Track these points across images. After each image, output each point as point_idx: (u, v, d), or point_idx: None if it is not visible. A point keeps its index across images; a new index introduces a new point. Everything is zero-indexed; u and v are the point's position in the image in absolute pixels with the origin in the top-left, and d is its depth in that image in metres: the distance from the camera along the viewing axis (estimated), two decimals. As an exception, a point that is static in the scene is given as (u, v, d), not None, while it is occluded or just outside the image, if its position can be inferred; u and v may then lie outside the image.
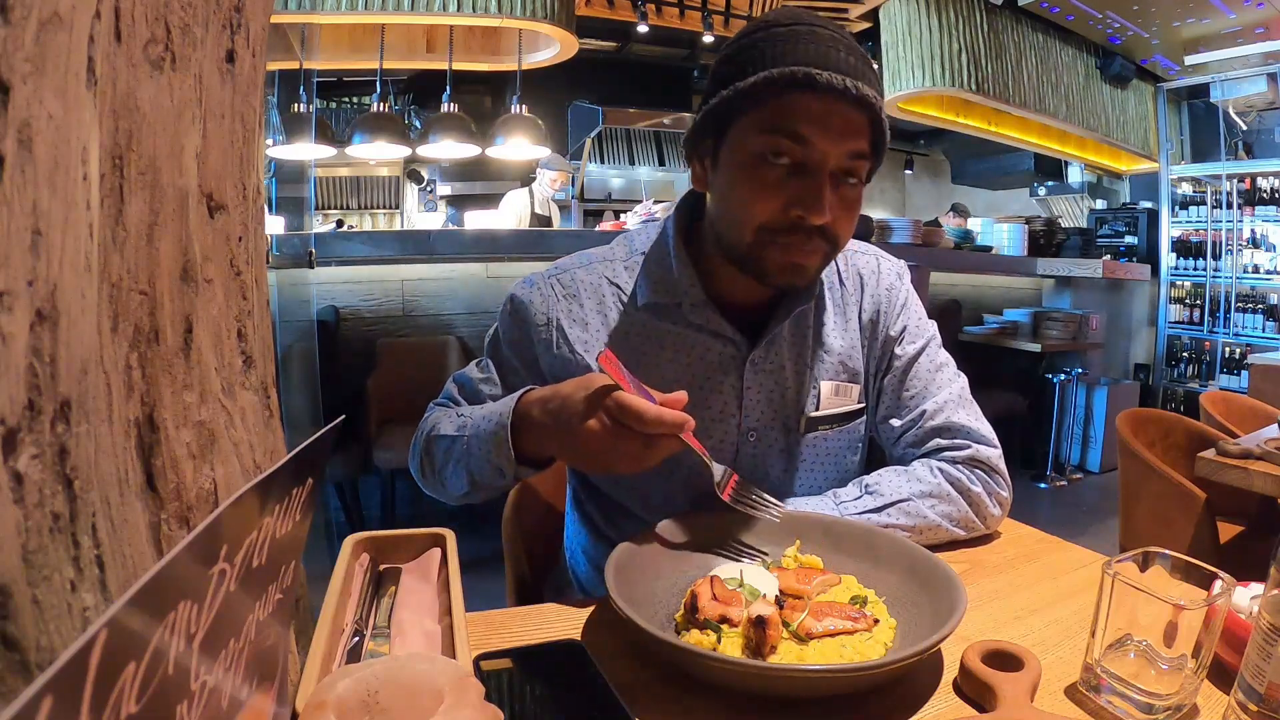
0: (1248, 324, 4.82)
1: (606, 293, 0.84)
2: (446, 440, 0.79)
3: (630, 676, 0.54)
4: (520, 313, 0.84)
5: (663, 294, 0.82)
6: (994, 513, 0.81)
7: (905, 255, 3.47)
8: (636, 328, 0.82)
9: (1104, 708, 0.51)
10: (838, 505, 0.78)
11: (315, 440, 0.37)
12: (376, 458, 2.58)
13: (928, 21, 4.06)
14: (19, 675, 0.26)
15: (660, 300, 0.82)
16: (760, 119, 0.70)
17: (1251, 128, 4.95)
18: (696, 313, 0.81)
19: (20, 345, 0.26)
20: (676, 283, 0.81)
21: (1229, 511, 1.78)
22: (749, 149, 0.71)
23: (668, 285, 0.82)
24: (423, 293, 3.11)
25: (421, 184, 5.91)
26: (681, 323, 0.81)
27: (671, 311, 0.82)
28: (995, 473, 0.82)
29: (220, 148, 0.44)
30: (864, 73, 0.70)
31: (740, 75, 0.71)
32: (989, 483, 0.81)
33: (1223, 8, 4.10)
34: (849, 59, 0.69)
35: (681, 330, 0.82)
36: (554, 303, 0.83)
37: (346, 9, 3.14)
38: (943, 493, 0.79)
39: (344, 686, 0.36)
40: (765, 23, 0.74)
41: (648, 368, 0.81)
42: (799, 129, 0.69)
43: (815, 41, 0.69)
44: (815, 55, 0.68)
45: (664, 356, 0.82)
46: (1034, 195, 6.48)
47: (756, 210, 0.72)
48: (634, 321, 0.82)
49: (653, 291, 0.82)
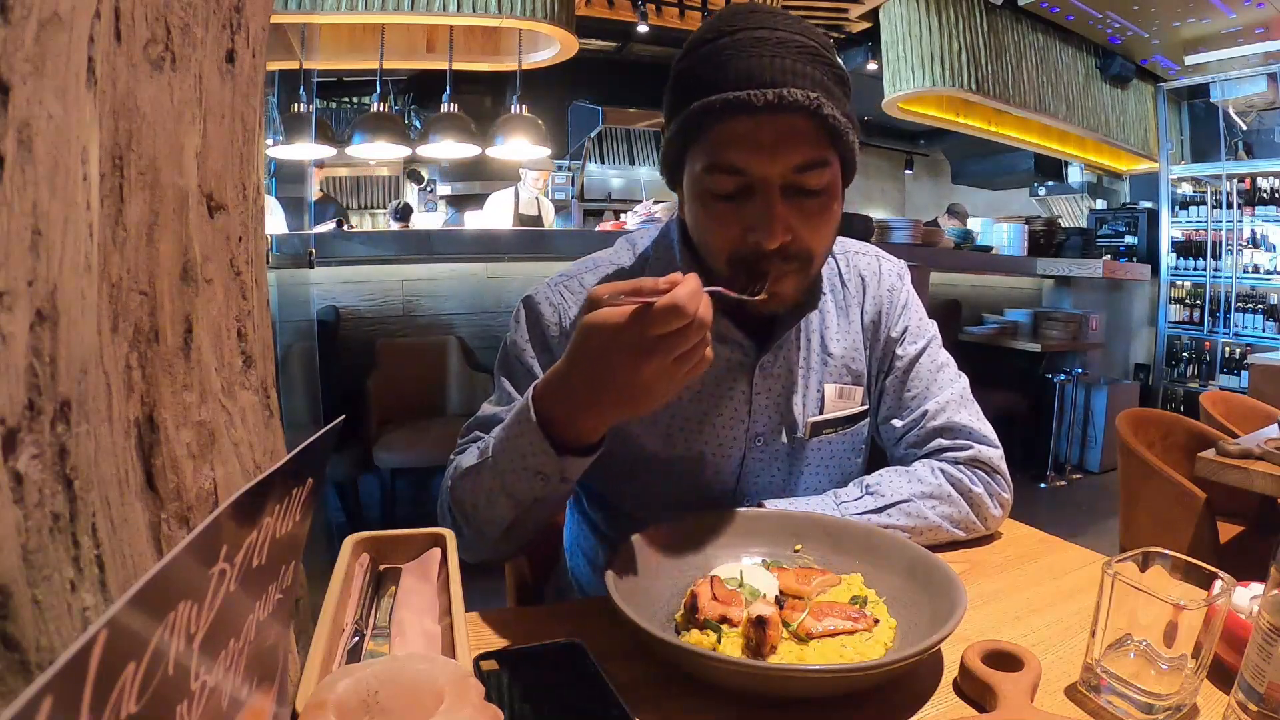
0: (1248, 324, 4.83)
1: None
2: (471, 474, 0.71)
3: (630, 676, 0.54)
4: (533, 319, 0.81)
5: None
6: (995, 514, 0.81)
7: (905, 255, 3.46)
8: None
9: (1104, 708, 0.51)
10: (838, 505, 0.77)
11: (315, 440, 0.37)
12: (376, 458, 2.58)
13: (928, 21, 4.06)
14: (19, 675, 0.26)
15: None
16: (701, 153, 0.69)
17: (1251, 128, 4.95)
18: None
19: (20, 345, 0.26)
20: None
21: (1229, 511, 1.78)
22: (698, 184, 0.70)
23: None
24: (423, 293, 3.11)
25: (421, 184, 5.91)
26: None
27: None
28: (996, 473, 0.82)
29: (220, 148, 0.44)
30: (800, 72, 0.65)
31: (679, 104, 0.69)
32: (990, 483, 0.81)
33: (1223, 8, 4.10)
34: (782, 62, 0.65)
35: None
36: (565, 310, 0.81)
37: (346, 9, 3.14)
38: (943, 494, 0.79)
39: (344, 686, 0.36)
40: (703, 38, 0.70)
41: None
42: (732, 161, 0.66)
43: (745, 54, 0.66)
44: (743, 72, 0.65)
45: None
46: (1034, 195, 6.48)
47: (720, 243, 0.71)
48: None
49: None
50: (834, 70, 0.69)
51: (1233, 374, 4.76)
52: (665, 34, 4.91)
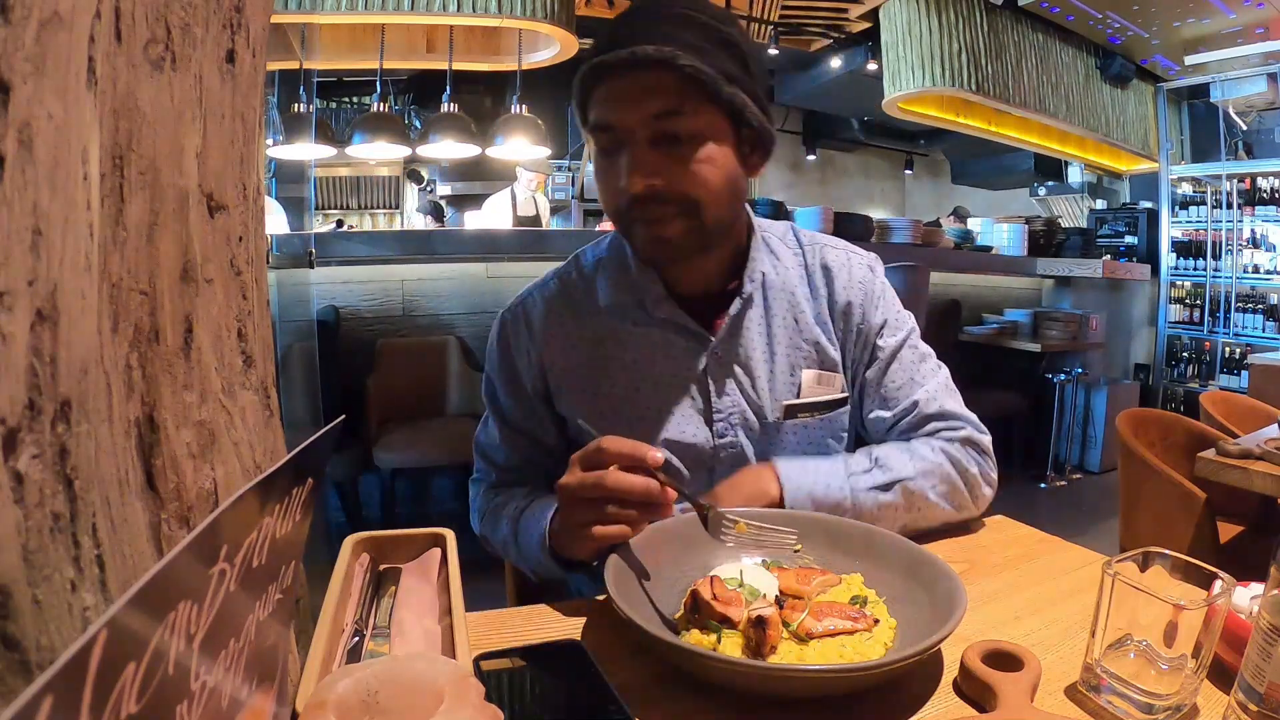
0: (1248, 324, 4.82)
1: (570, 310, 0.86)
2: (500, 539, 0.83)
3: (630, 676, 0.54)
4: (503, 347, 0.88)
5: (625, 292, 0.84)
6: (985, 493, 0.84)
7: (905, 255, 3.49)
8: (601, 333, 0.84)
9: (1104, 708, 0.51)
10: (849, 477, 0.78)
11: (315, 440, 0.37)
12: (376, 458, 2.57)
13: (928, 21, 4.06)
14: (19, 675, 0.26)
15: (623, 299, 0.84)
16: (588, 119, 0.76)
17: (1251, 128, 4.95)
18: (659, 307, 0.82)
19: (20, 345, 0.26)
20: (636, 280, 0.83)
21: (1229, 511, 1.78)
22: (592, 145, 0.78)
23: (628, 284, 0.84)
24: (423, 293, 3.11)
25: (421, 184, 5.91)
26: (644, 321, 0.83)
27: (634, 311, 0.84)
28: (987, 455, 0.85)
29: (220, 148, 0.44)
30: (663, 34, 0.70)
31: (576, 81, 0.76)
32: (983, 464, 0.84)
33: (1223, 8, 4.10)
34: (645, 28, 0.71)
35: (645, 329, 0.83)
36: (527, 340, 0.86)
37: (346, 9, 3.14)
38: (943, 473, 0.81)
39: (344, 686, 0.36)
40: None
41: (614, 371, 0.83)
42: (601, 116, 0.73)
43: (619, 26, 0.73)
44: (607, 42, 0.72)
45: (628, 357, 0.83)
46: (1034, 195, 6.49)
47: (607, 199, 0.77)
48: (599, 327, 0.85)
49: (615, 291, 0.84)
50: (717, 33, 0.73)
51: (1233, 374, 4.76)
52: (665, 34, 4.90)
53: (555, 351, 0.85)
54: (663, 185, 0.72)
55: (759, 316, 0.85)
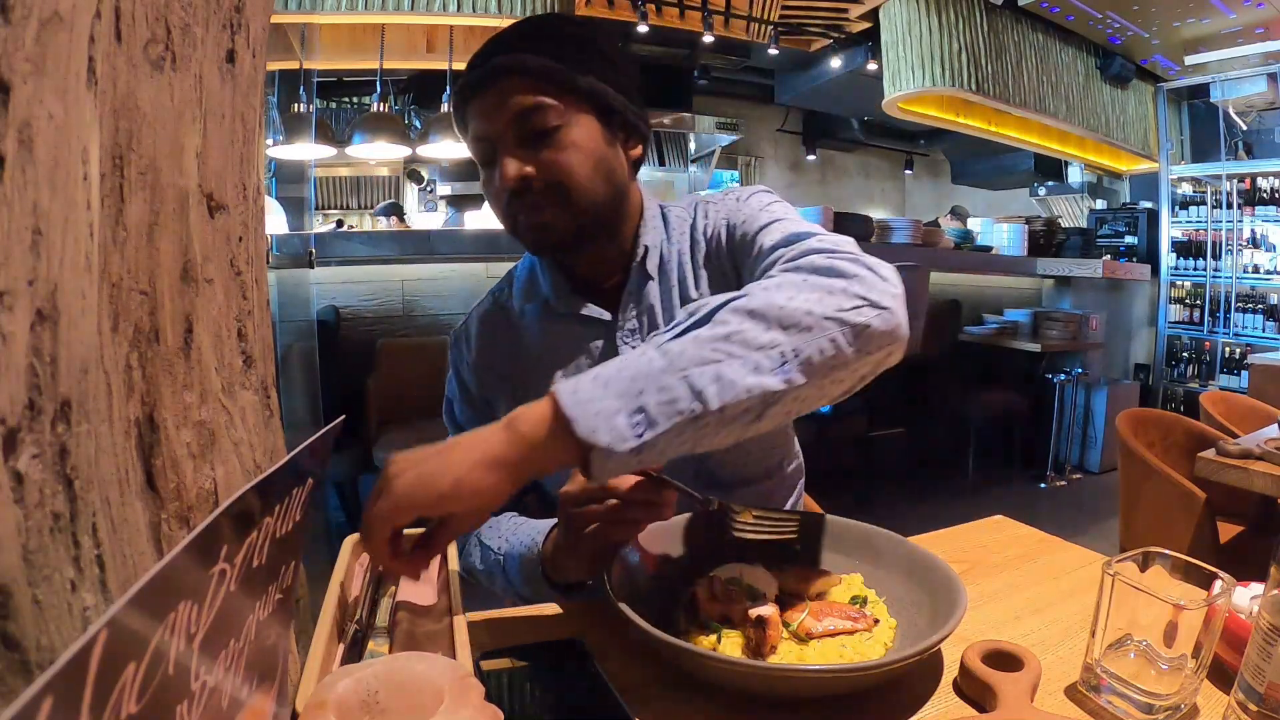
0: (1248, 324, 4.82)
1: (498, 321, 0.89)
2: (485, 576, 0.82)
3: (630, 676, 0.54)
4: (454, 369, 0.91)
5: (532, 295, 0.87)
6: (884, 274, 0.60)
7: (905, 255, 3.49)
8: (523, 339, 0.87)
9: (1104, 708, 0.51)
10: (658, 346, 0.55)
11: (315, 440, 0.37)
12: (376, 458, 2.57)
13: (928, 21, 4.06)
14: (19, 675, 0.26)
15: (532, 302, 0.87)
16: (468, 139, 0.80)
17: (1251, 128, 4.95)
18: (563, 303, 0.84)
19: (21, 345, 0.26)
20: (540, 280, 0.87)
21: (1229, 511, 1.78)
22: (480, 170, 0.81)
23: (535, 286, 0.87)
24: (423, 293, 3.11)
25: (421, 184, 5.91)
26: (552, 318, 0.85)
27: (542, 310, 0.86)
28: (859, 256, 0.62)
29: (220, 148, 0.44)
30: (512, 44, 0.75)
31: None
32: (856, 258, 0.61)
33: (1223, 8, 4.10)
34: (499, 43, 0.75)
35: (553, 326, 0.85)
36: (466, 352, 0.90)
37: (346, 9, 3.14)
38: (795, 281, 0.59)
39: (344, 686, 0.36)
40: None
41: (536, 373, 0.83)
42: (476, 130, 0.77)
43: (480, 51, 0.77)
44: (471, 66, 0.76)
45: (545, 356, 0.85)
46: (1034, 195, 6.48)
47: (495, 206, 0.80)
48: (519, 333, 0.87)
49: (523, 296, 0.88)
50: (571, 35, 0.77)
51: (1233, 374, 4.76)
52: (665, 34, 4.90)
53: (489, 364, 0.88)
54: (532, 174, 0.75)
55: (658, 291, 0.84)
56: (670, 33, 4.88)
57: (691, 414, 0.51)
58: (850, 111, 6.72)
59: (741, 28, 4.78)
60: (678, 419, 0.51)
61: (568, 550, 0.68)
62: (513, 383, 0.86)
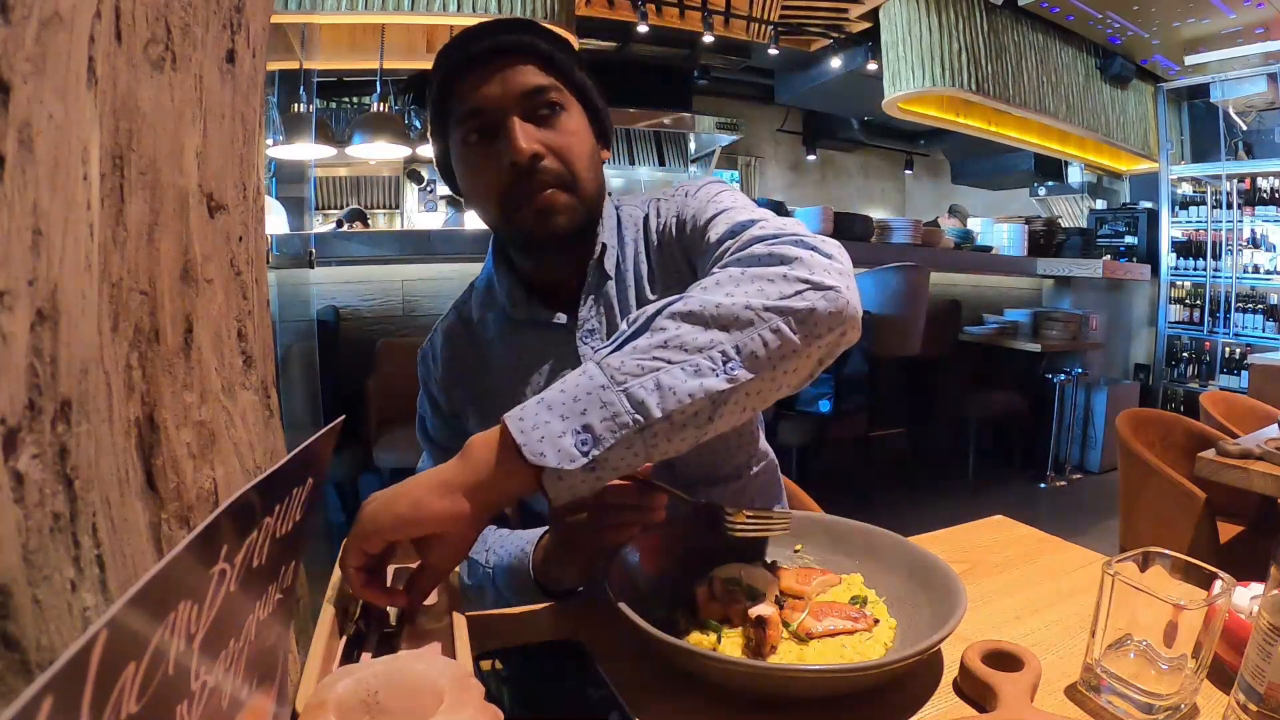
0: (1248, 324, 4.82)
1: (461, 335, 0.88)
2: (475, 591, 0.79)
3: (630, 676, 0.54)
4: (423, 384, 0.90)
5: (489, 304, 0.86)
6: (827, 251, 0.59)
7: (905, 255, 3.49)
8: (484, 351, 0.86)
9: (1104, 708, 0.51)
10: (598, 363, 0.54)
11: (315, 440, 0.37)
12: (376, 458, 2.57)
13: (928, 21, 4.06)
14: (19, 675, 0.26)
15: (490, 311, 0.86)
16: (454, 121, 0.76)
17: (1251, 128, 4.95)
18: (520, 310, 0.83)
19: (21, 345, 0.26)
20: (496, 289, 0.85)
21: (1229, 511, 1.78)
22: (460, 148, 0.77)
23: (493, 295, 0.86)
24: (423, 293, 3.11)
25: (421, 184, 5.91)
26: (510, 327, 0.84)
27: (501, 320, 0.85)
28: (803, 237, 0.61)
29: (220, 148, 0.44)
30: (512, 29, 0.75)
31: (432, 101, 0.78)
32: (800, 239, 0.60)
33: (1223, 8, 4.10)
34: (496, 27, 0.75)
35: (516, 334, 0.84)
36: (434, 369, 0.88)
37: (346, 9, 3.14)
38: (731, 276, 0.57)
39: (344, 686, 0.36)
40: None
41: (500, 384, 0.82)
42: (473, 104, 0.74)
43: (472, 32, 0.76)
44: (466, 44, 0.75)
45: (507, 366, 0.83)
46: (1034, 195, 6.48)
47: (489, 187, 0.76)
48: (482, 347, 0.86)
49: (483, 304, 0.86)
50: (553, 37, 0.77)
51: (1233, 374, 4.76)
52: (665, 34, 4.91)
53: (456, 381, 0.86)
54: (545, 156, 0.73)
55: (616, 292, 0.82)
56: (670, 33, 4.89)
57: (637, 426, 0.51)
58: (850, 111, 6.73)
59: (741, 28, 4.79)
60: (624, 433, 0.51)
61: (560, 557, 0.68)
62: (479, 398, 0.84)
